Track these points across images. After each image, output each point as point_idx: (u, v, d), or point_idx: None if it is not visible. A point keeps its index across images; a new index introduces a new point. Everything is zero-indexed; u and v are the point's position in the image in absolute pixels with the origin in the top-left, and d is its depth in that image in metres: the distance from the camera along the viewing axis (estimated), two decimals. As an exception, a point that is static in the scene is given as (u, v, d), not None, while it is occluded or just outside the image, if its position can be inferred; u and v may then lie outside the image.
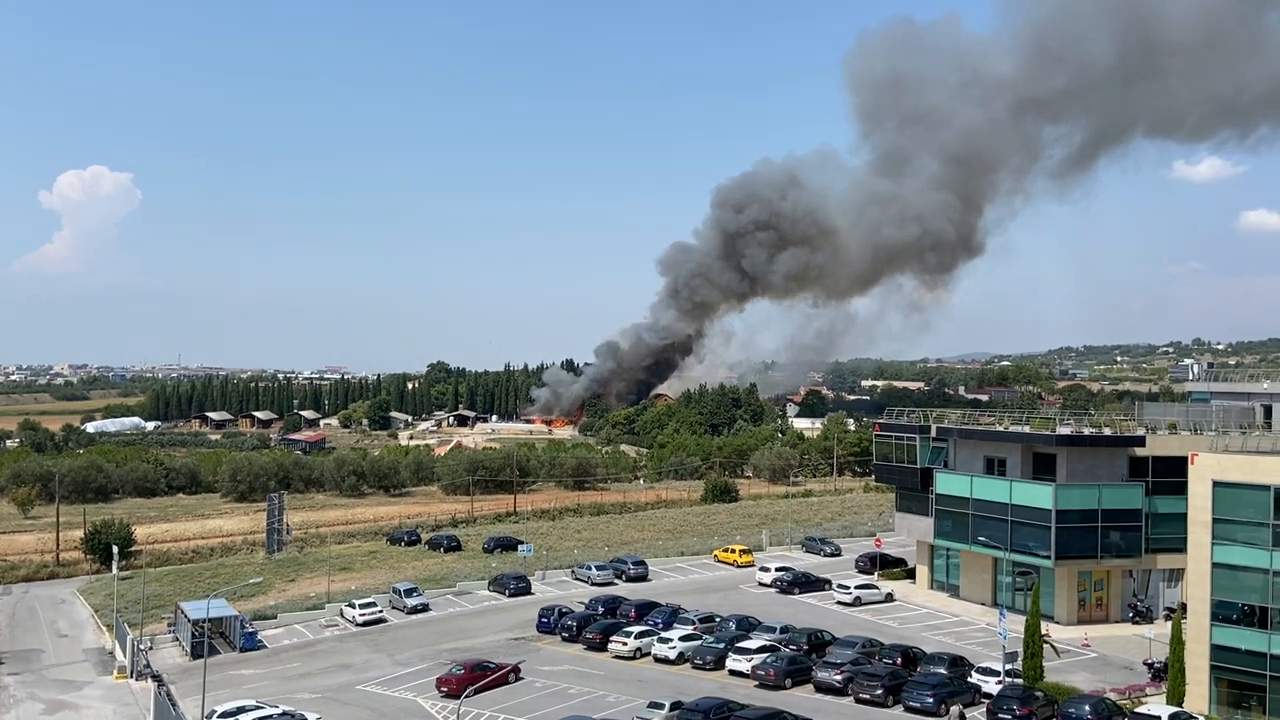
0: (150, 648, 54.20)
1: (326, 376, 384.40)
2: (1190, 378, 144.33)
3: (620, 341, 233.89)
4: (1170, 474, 54.16)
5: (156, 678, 48.31)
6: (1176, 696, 42.61)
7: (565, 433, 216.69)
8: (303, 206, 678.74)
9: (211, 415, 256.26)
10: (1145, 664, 48.99)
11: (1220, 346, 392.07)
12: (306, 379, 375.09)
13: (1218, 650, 42.85)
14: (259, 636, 56.52)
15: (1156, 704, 41.32)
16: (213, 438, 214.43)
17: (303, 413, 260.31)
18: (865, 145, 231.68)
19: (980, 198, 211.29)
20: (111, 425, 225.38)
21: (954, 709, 40.70)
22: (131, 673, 50.40)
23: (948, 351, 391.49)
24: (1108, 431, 59.66)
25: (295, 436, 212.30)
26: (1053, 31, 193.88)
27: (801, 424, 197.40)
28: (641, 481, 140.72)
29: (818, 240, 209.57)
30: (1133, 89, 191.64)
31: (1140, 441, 56.86)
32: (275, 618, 60.94)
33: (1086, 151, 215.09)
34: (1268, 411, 60.61)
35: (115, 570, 64.92)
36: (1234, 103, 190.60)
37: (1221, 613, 42.91)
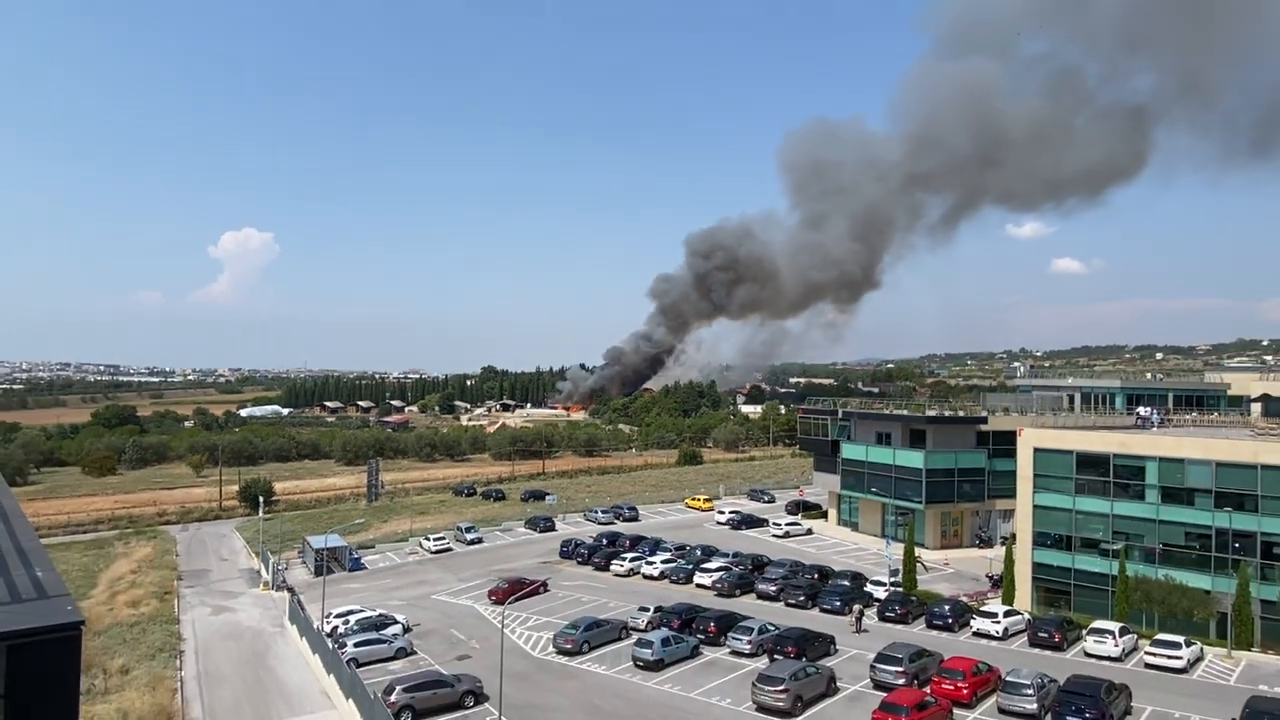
0: (285, 568, 54.06)
1: (409, 376, 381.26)
2: (1018, 375, 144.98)
3: (623, 347, 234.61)
4: (1005, 443, 54.46)
5: (290, 590, 48.20)
6: (1009, 599, 42.95)
7: (580, 416, 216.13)
8: (392, 241, 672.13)
9: (328, 404, 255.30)
10: (987, 576, 49.25)
11: (1039, 354, 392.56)
12: (395, 378, 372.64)
13: (1038, 566, 43.25)
14: (362, 561, 56.37)
15: (995, 604, 41.57)
16: (329, 420, 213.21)
17: (393, 402, 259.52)
18: (796, 210, 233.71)
19: (879, 248, 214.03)
20: (258, 411, 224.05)
21: (855, 609, 40.92)
22: (273, 586, 50.25)
23: (851, 357, 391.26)
24: (961, 414, 60.01)
25: (387, 419, 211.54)
26: (928, 128, 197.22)
27: (748, 409, 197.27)
28: (634, 451, 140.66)
29: (763, 278, 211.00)
30: (983, 170, 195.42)
31: (984, 420, 57.25)
32: (373, 547, 60.78)
33: (950, 215, 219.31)
34: (1071, 400, 61.13)
35: (261, 514, 64.62)
36: (1053, 180, 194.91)
37: (1040, 540, 43.30)
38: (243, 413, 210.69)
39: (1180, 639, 34.99)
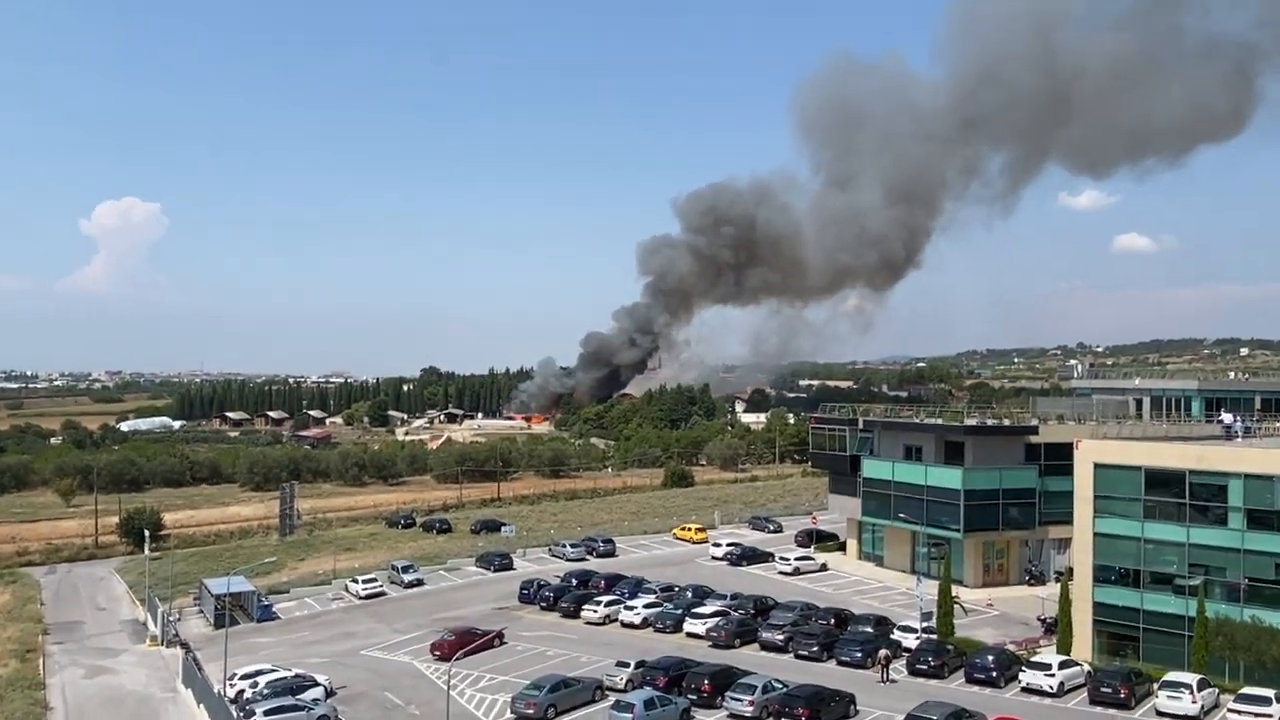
0: (178, 619, 53.39)
1: (332, 380, 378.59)
2: (1075, 376, 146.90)
3: (608, 336, 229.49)
4: (1059, 458, 54.56)
5: (184, 645, 47.60)
6: (1065, 646, 43.39)
7: (542, 428, 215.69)
8: (306, 225, 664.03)
9: (231, 415, 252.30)
10: (1039, 619, 49.67)
11: (1100, 349, 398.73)
12: (314, 382, 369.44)
13: (1099, 606, 43.72)
14: (273, 609, 55.85)
15: (1049, 654, 42.00)
16: (232, 435, 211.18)
17: (311, 412, 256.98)
18: (818, 172, 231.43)
19: (923, 218, 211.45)
20: (143, 424, 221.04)
21: (880, 659, 41.14)
22: (162, 641, 49.61)
23: (873, 354, 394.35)
24: (1007, 422, 60.58)
25: (304, 433, 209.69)
26: (984, 64, 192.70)
27: (748, 419, 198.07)
28: (609, 470, 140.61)
29: (784, 257, 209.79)
30: (1050, 120, 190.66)
31: (1034, 430, 57.79)
32: (288, 592, 60.26)
33: (1012, 174, 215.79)
34: (1139, 404, 61.98)
35: (147, 551, 63.85)
36: (1137, 135, 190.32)
37: (1102, 575, 43.78)
38: (123, 426, 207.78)
39: (1270, 693, 35.54)
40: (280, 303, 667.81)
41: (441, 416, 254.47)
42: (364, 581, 59.54)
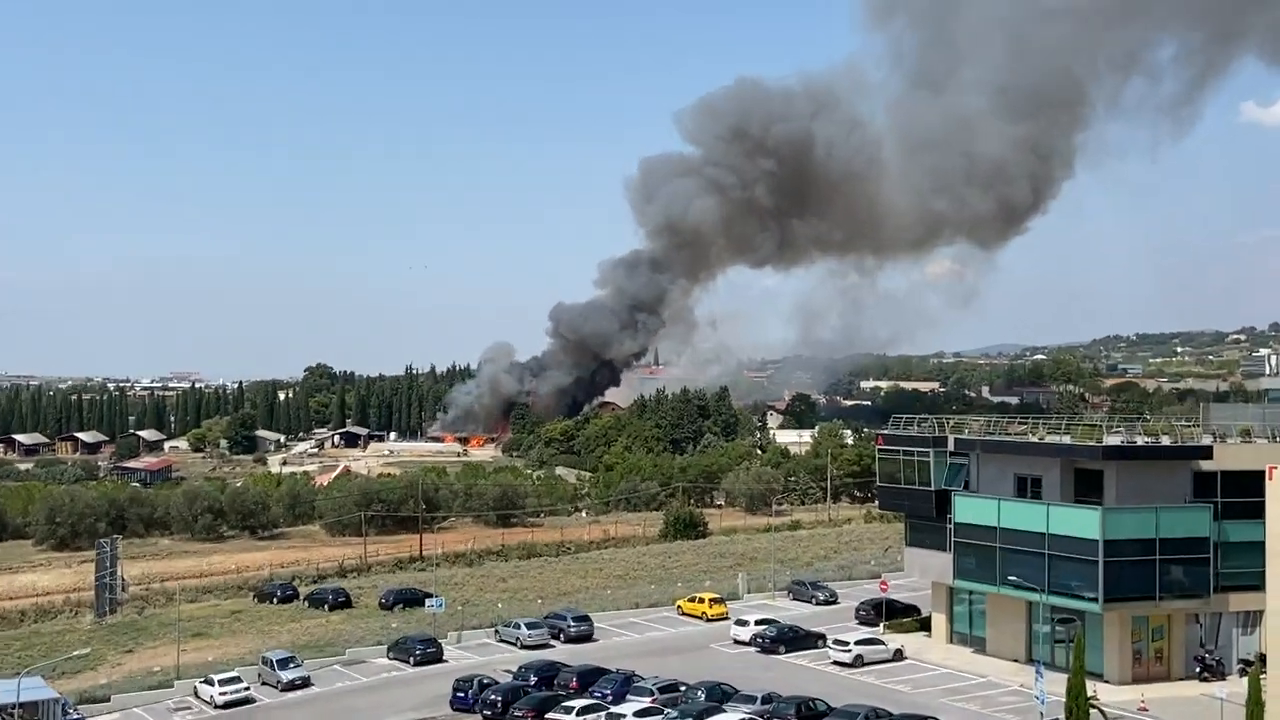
0: (-56, 743, 52.96)
1: (172, 386, 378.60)
2: (1268, 372, 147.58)
3: (578, 314, 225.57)
4: (1244, 493, 54.67)
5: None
6: (1255, 772, 43.42)
7: (486, 453, 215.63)
8: (134, 168, 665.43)
9: (20, 438, 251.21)
10: (1216, 732, 49.74)
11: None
12: (146, 389, 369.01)
13: (1305, 712, 43.75)
14: (88, 724, 55.41)
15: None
16: (22, 467, 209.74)
17: (141, 433, 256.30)
18: (903, 65, 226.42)
19: (1054, 144, 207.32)
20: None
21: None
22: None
23: (970, 343, 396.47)
24: (1166, 441, 60.54)
25: (132, 464, 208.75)
26: None
27: (786, 438, 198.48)
28: (584, 514, 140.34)
29: (845, 198, 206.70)
30: None
31: (1207, 453, 57.74)
32: (108, 700, 59.72)
33: (1196, 75, 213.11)
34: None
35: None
36: None
37: (1308, 665, 43.76)
38: None
39: None
40: (94, 274, 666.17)
41: (336, 438, 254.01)
42: (222, 683, 59.04)
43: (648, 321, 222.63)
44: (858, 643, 63.72)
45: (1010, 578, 59.05)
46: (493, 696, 54.96)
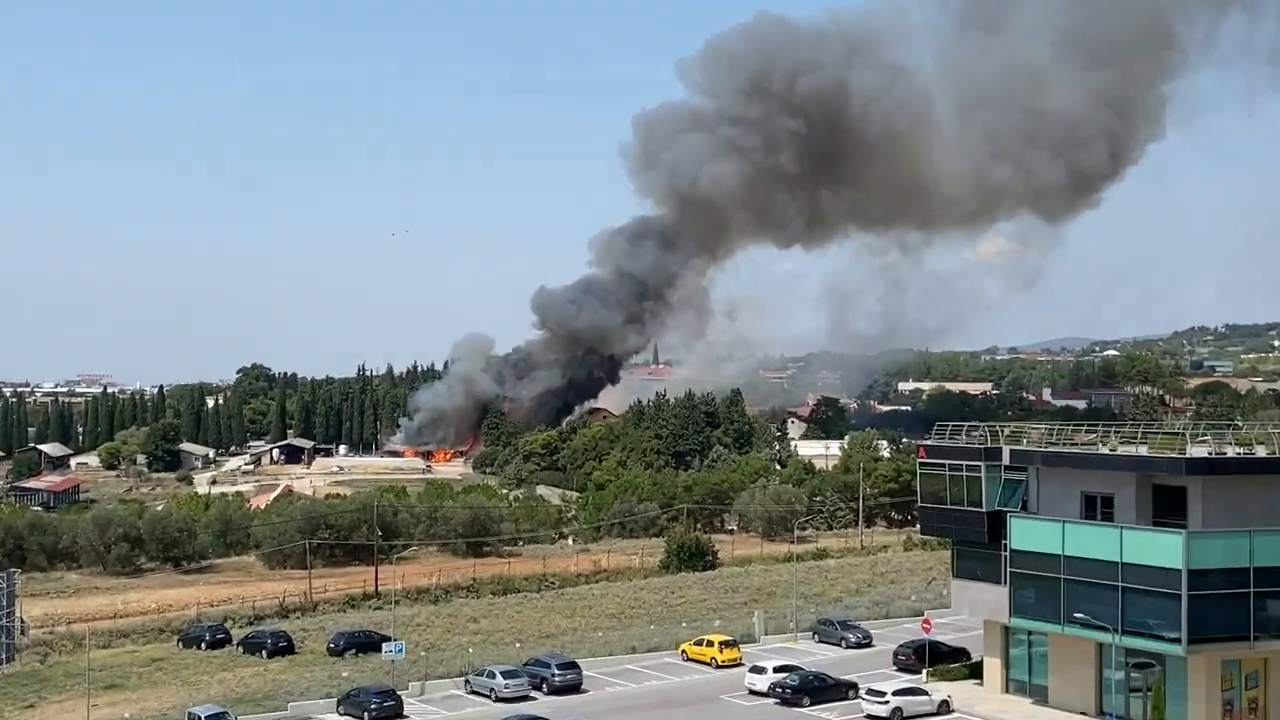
0: None
1: (80, 391, 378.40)
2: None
3: (566, 299, 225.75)
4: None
5: None
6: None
7: (453, 469, 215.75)
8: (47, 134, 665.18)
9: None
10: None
11: None
12: (48, 395, 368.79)
13: None
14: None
15: None
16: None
17: (43, 447, 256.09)
18: (949, 2, 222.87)
19: (1145, 91, 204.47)
20: None
21: None
22: None
23: (1026, 337, 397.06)
24: (1262, 451, 60.54)
25: (31, 484, 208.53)
26: None
27: (810, 450, 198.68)
28: (570, 542, 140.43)
29: (886, 164, 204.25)
30: None
31: (1310, 466, 57.90)
32: (8, 765, 59.86)
33: None
34: None
35: None
36: None
37: None
38: None
39: None
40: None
41: (275, 452, 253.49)
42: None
43: (653, 309, 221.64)
44: (896, 693, 63.69)
45: (1077, 615, 59.09)
46: (463, 758, 55.16)
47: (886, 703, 63.12)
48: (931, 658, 71.59)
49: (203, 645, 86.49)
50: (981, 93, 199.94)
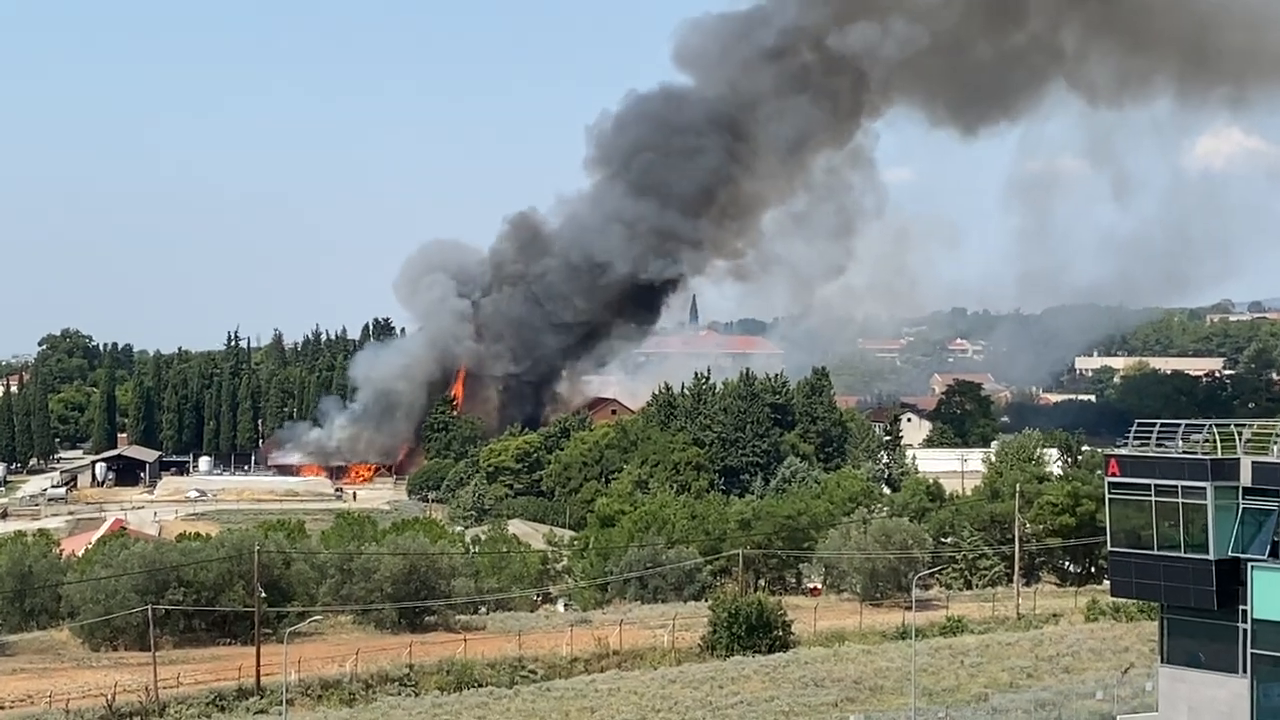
0: None
1: None
2: None
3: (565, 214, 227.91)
4: None
5: None
6: None
7: (377, 493, 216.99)
8: None
9: None
10: None
11: None
12: None
13: None
14: None
15: None
16: None
17: None
18: None
19: None
20: None
21: None
22: None
23: (1263, 290, 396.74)
24: None
25: None
26: None
27: (937, 462, 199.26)
28: (561, 608, 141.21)
29: None
30: None
31: None
32: None
33: None
34: None
35: None
36: None
37: None
38: None
39: None
40: None
41: (99, 468, 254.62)
42: None
43: (698, 231, 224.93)
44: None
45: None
46: None
47: None
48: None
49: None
50: None
